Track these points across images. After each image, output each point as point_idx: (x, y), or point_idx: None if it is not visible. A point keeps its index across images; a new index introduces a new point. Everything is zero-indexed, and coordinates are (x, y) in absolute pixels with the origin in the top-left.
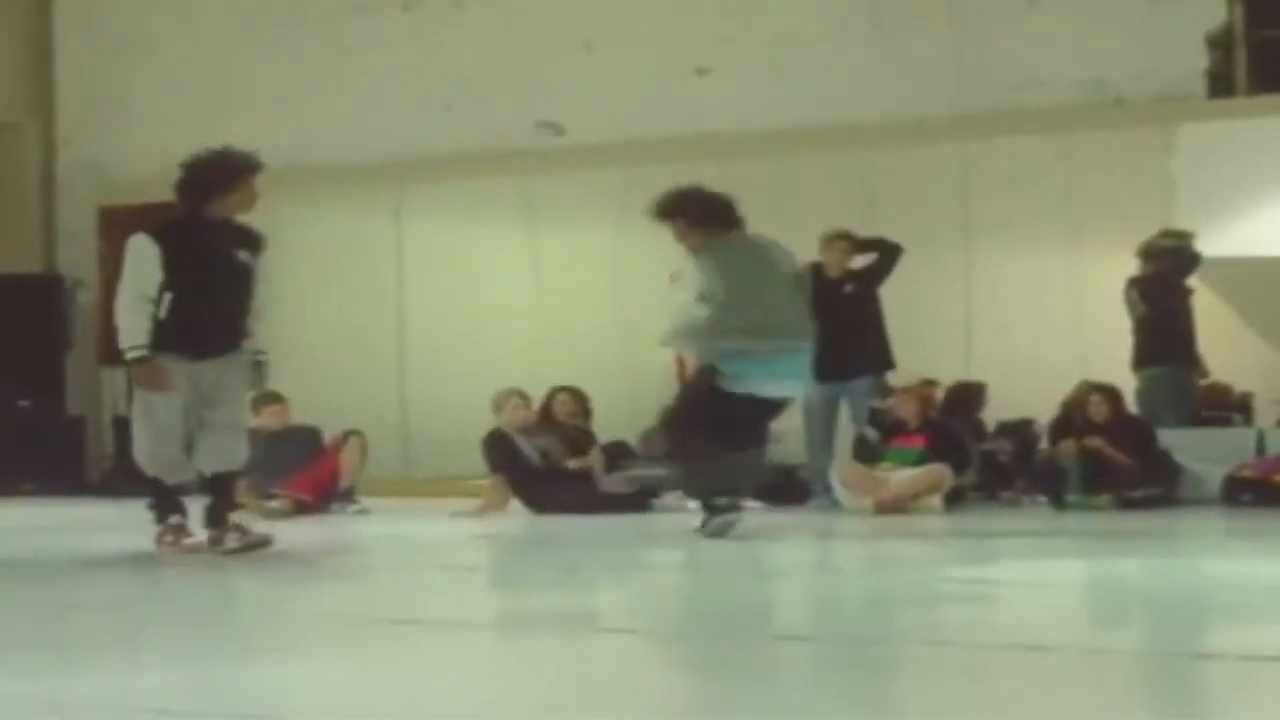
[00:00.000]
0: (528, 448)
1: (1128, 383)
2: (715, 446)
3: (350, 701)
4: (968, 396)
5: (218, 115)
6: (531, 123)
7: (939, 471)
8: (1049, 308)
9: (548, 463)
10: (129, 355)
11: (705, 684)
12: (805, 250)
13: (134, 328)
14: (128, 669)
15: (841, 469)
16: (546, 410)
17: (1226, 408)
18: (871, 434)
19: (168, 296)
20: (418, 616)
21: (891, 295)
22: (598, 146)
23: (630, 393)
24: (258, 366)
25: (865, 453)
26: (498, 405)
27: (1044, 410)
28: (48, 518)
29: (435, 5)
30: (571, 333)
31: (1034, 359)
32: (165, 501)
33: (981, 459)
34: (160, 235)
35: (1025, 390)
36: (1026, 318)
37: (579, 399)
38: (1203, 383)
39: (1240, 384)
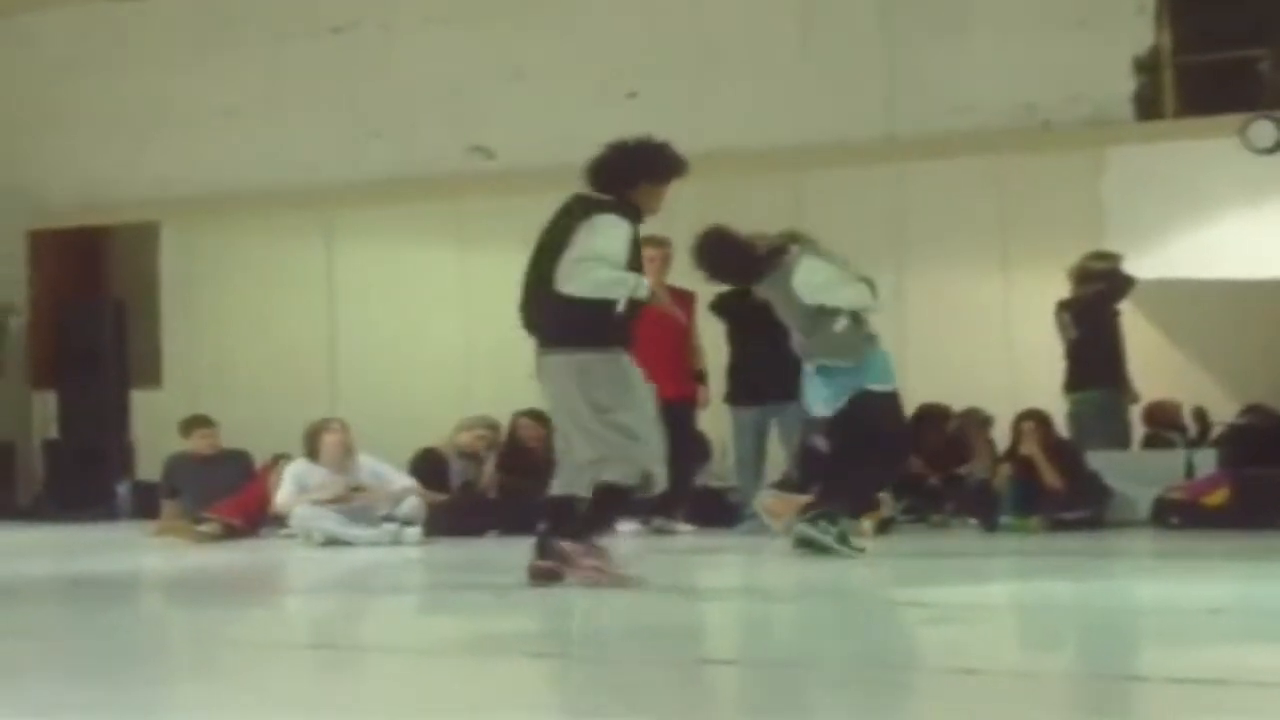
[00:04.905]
0: (456, 471)
1: (1059, 406)
2: None
3: None
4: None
5: (149, 140)
6: (462, 147)
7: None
8: (981, 329)
9: (467, 490)
10: (638, 294)
11: (630, 708)
12: None
13: (621, 276)
14: (50, 696)
15: (765, 500)
16: (512, 436)
17: (1169, 426)
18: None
19: None
20: (341, 641)
21: None
22: (528, 171)
23: None
24: None
25: (792, 484)
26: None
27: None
28: None
29: (366, 31)
30: (502, 356)
31: (966, 380)
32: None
33: (909, 482)
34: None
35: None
36: (958, 339)
37: (543, 422)
38: (1148, 401)
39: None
